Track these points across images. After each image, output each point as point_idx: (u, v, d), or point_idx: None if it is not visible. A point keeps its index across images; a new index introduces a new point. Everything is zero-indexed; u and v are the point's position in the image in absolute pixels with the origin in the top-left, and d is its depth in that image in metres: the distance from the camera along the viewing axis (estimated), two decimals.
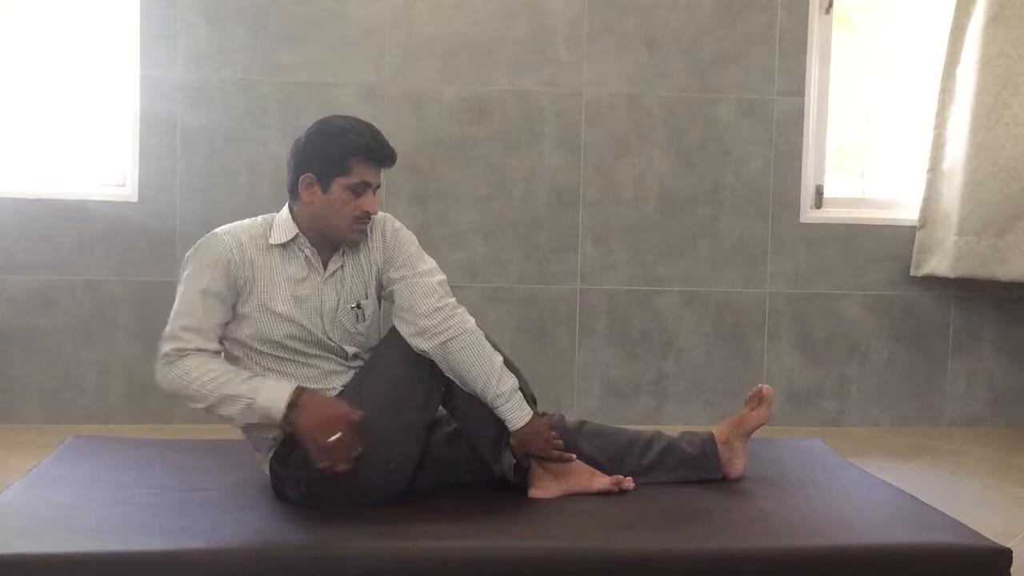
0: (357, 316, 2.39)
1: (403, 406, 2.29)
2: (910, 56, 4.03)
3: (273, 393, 2.21)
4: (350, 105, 3.63)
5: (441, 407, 2.37)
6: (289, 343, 2.32)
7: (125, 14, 3.64)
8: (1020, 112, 3.69)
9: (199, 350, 2.24)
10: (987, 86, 3.73)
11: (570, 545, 2.10)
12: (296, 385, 2.24)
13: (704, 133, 3.86)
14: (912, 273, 3.92)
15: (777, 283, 3.91)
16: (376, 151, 2.32)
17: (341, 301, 2.37)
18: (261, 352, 2.32)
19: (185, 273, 2.31)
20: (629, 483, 2.42)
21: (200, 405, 2.23)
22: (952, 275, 3.82)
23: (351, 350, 2.38)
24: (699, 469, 2.51)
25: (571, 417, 2.59)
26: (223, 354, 2.32)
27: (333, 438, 2.17)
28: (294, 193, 2.37)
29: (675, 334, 3.88)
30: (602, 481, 2.41)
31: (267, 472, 2.36)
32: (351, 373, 2.37)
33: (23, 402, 3.65)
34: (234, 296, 2.29)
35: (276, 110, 3.69)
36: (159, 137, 3.65)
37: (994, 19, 3.71)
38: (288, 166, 2.39)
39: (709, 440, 2.53)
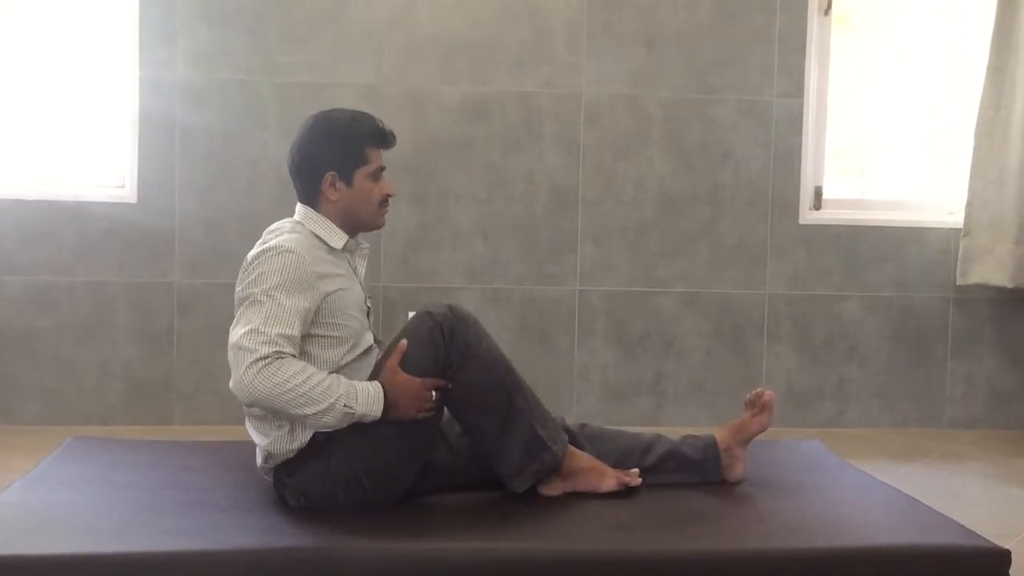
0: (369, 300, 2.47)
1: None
2: (910, 57, 4.03)
3: (368, 400, 2.17)
4: (349, 106, 3.59)
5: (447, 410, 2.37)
6: (366, 347, 2.34)
7: (124, 14, 3.64)
8: None
9: (294, 356, 2.17)
10: None
11: (570, 545, 2.09)
12: (377, 384, 2.20)
13: (703, 134, 3.86)
14: (959, 282, 3.86)
15: (776, 284, 3.91)
16: (385, 135, 2.38)
17: (364, 293, 2.44)
18: (347, 364, 2.30)
19: (266, 284, 2.18)
20: (636, 480, 2.41)
21: (299, 411, 2.11)
22: (1011, 285, 3.76)
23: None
24: (700, 473, 2.50)
25: (571, 420, 2.59)
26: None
27: (423, 409, 2.22)
28: (314, 197, 2.35)
29: (674, 335, 3.88)
30: (609, 483, 2.40)
31: (268, 478, 2.35)
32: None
33: (22, 403, 3.64)
34: (311, 316, 2.25)
35: (275, 111, 3.69)
36: (158, 138, 3.65)
37: None
38: (297, 173, 2.37)
39: (711, 444, 2.52)
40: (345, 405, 2.15)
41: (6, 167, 3.68)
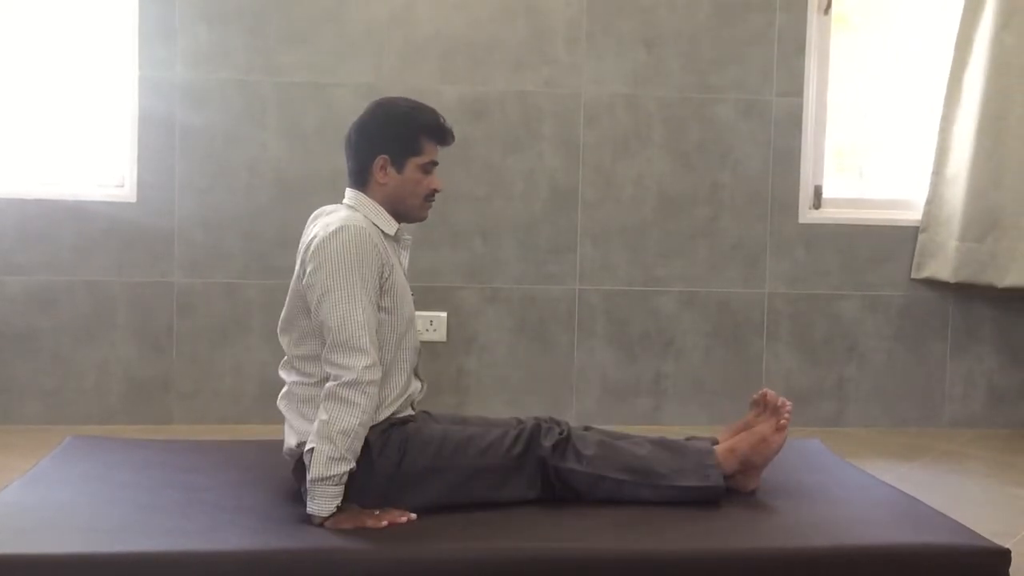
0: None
1: (469, 482, 2.31)
2: (909, 56, 4.04)
3: (340, 490, 2.17)
4: (349, 105, 3.63)
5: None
6: (415, 340, 2.40)
7: (124, 14, 3.64)
8: (1022, 123, 3.71)
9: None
10: (993, 95, 3.75)
11: (570, 545, 2.09)
12: (339, 503, 2.17)
13: (703, 134, 3.86)
14: (913, 276, 3.93)
15: (776, 283, 3.91)
16: (444, 130, 2.39)
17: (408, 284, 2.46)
18: (401, 351, 2.33)
19: (355, 275, 2.21)
20: (786, 408, 2.42)
21: (340, 436, 2.13)
22: (952, 280, 3.85)
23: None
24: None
25: (572, 420, 2.57)
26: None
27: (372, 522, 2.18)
28: (363, 177, 2.38)
29: (674, 334, 3.88)
30: (776, 439, 2.40)
31: (290, 461, 2.34)
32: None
33: (21, 402, 3.64)
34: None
35: (275, 110, 3.69)
36: (158, 137, 3.64)
37: (1003, 28, 3.73)
38: (352, 152, 2.39)
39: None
40: (350, 470, 2.15)
41: (6, 167, 3.68)
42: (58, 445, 2.82)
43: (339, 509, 2.16)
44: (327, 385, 2.18)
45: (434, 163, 2.40)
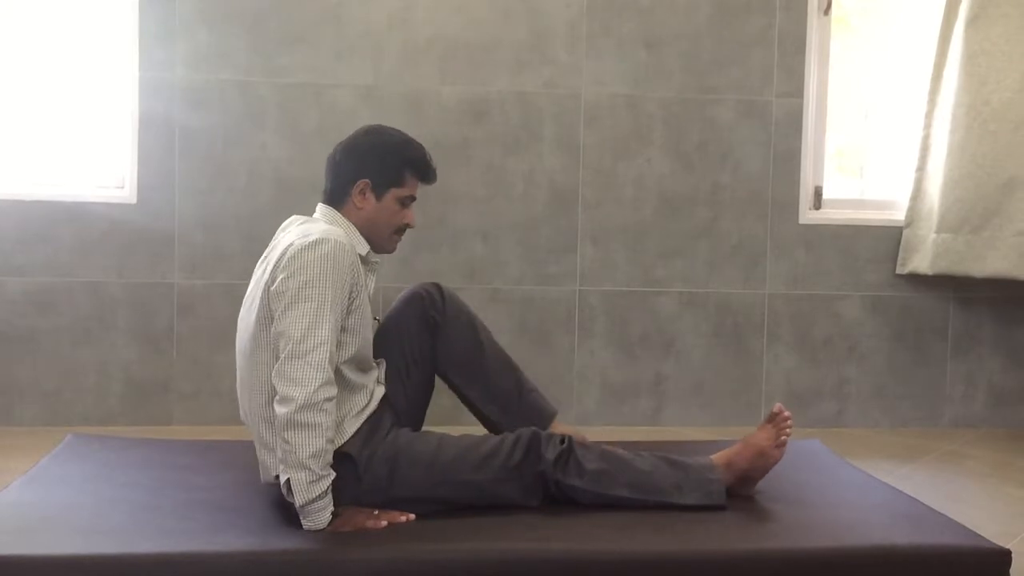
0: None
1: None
2: (908, 57, 4.04)
3: (329, 501, 2.14)
4: (349, 107, 3.63)
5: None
6: (371, 360, 2.38)
7: (124, 15, 3.64)
8: (1000, 109, 3.72)
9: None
10: (967, 84, 3.77)
11: (570, 546, 2.09)
12: (332, 510, 2.16)
13: (703, 134, 3.86)
14: (897, 271, 3.93)
15: (776, 284, 3.91)
16: (429, 168, 2.41)
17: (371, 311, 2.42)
18: (357, 372, 2.31)
19: (326, 287, 2.15)
20: (784, 415, 2.44)
21: (306, 459, 2.08)
22: (931, 272, 3.84)
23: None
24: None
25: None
26: None
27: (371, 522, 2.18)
28: (341, 197, 2.37)
29: (674, 335, 3.88)
30: (776, 454, 2.40)
31: (274, 480, 2.31)
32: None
33: (21, 404, 3.64)
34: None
35: (275, 112, 3.69)
36: (158, 139, 3.64)
37: (975, 19, 3.76)
38: (335, 170, 2.39)
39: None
40: (329, 487, 2.13)
41: (6, 167, 3.68)
42: (58, 444, 2.82)
43: (335, 515, 2.15)
44: (280, 412, 2.10)
45: (412, 198, 2.40)
